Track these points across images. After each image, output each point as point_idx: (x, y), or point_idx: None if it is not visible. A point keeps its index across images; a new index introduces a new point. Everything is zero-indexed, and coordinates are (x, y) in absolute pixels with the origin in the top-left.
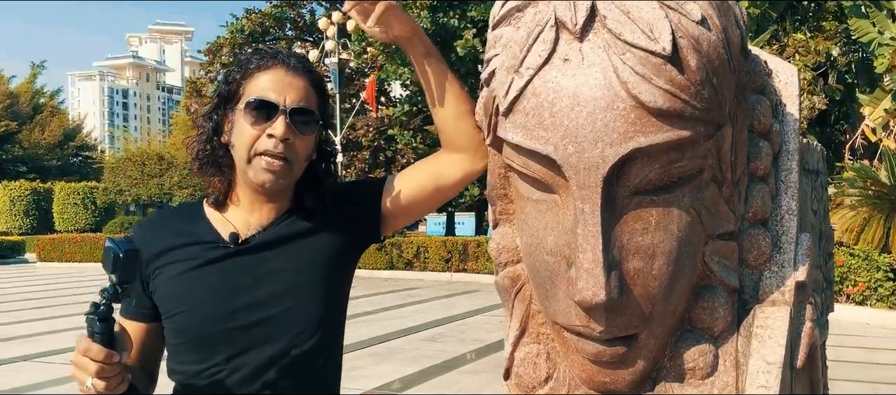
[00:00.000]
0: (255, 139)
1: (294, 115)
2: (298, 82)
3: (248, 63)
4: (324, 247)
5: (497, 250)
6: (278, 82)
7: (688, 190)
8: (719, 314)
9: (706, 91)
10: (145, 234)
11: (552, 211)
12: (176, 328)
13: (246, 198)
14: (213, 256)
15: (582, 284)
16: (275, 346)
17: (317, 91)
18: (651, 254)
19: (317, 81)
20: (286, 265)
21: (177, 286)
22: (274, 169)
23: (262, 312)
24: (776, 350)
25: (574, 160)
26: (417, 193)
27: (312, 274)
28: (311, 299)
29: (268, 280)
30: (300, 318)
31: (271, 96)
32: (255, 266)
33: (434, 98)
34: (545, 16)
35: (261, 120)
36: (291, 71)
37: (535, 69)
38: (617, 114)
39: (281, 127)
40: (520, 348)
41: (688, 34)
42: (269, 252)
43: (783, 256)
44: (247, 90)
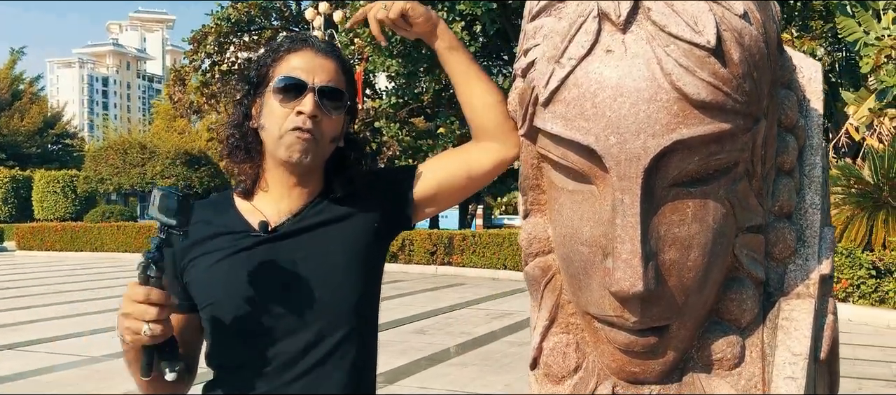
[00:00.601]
0: (285, 117)
1: (323, 93)
2: (327, 64)
3: (279, 47)
4: (355, 232)
5: (528, 240)
6: (307, 63)
7: (723, 182)
8: (747, 306)
9: (747, 84)
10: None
11: (588, 202)
12: (211, 319)
13: (275, 185)
14: (245, 245)
15: (620, 274)
16: (308, 333)
17: (345, 74)
18: (687, 245)
19: (345, 64)
20: (317, 252)
21: (209, 277)
22: (303, 140)
23: (292, 300)
24: (802, 342)
25: (615, 151)
26: (449, 181)
27: (344, 260)
28: (343, 285)
29: (299, 267)
30: (333, 304)
31: (301, 75)
32: (286, 254)
33: (462, 90)
34: (588, 7)
35: (290, 98)
36: (320, 53)
37: (577, 60)
38: (660, 105)
39: (309, 104)
40: (549, 338)
41: (731, 27)
42: (299, 239)
43: (808, 249)
44: (276, 72)
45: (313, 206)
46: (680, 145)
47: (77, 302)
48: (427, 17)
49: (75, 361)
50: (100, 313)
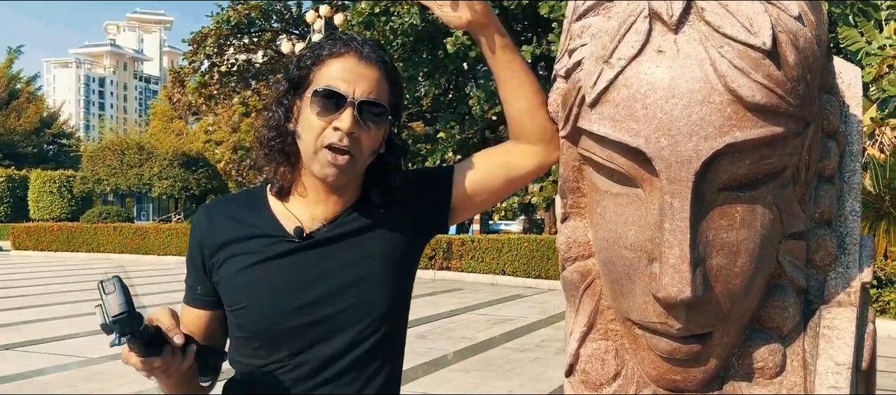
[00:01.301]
0: (322, 130)
1: (362, 107)
2: (370, 73)
3: (321, 49)
4: (391, 240)
5: (567, 244)
6: (349, 72)
7: (772, 187)
8: (789, 314)
9: (801, 88)
10: (208, 221)
11: (633, 205)
12: (239, 322)
13: (311, 189)
14: (279, 250)
15: (667, 280)
16: (338, 342)
17: (389, 82)
18: (735, 251)
19: (390, 71)
20: (351, 260)
21: (241, 280)
22: (338, 163)
23: (326, 308)
24: (844, 351)
25: (666, 154)
26: (488, 183)
27: (378, 268)
28: (376, 293)
29: (332, 275)
30: (364, 313)
31: (340, 87)
32: (319, 261)
33: (509, 90)
34: (638, 6)
35: (328, 111)
36: (364, 60)
37: (627, 60)
38: (713, 107)
39: (347, 120)
40: (586, 344)
41: (786, 29)
42: (334, 246)
43: (848, 257)
44: (317, 78)
45: (349, 213)
46: (732, 149)
47: (74, 303)
48: (486, 5)
49: (73, 362)
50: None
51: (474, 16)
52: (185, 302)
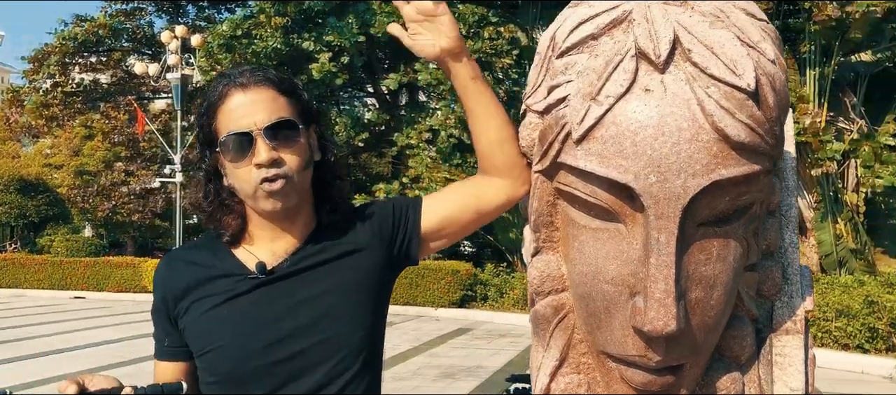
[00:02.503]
0: (248, 174)
1: (270, 132)
2: (260, 95)
3: (209, 98)
4: (358, 268)
5: (540, 278)
6: (240, 106)
7: (743, 222)
8: (747, 343)
9: (776, 128)
10: (168, 270)
11: (614, 240)
12: (208, 367)
13: (265, 228)
14: (243, 288)
15: (653, 314)
16: (315, 376)
17: (283, 93)
18: (711, 284)
19: (279, 83)
20: (319, 291)
21: (206, 323)
22: (275, 190)
23: (298, 343)
24: (797, 377)
25: (655, 190)
26: (458, 216)
27: (348, 300)
28: (348, 324)
29: (302, 309)
30: (339, 345)
31: (240, 126)
32: (286, 295)
33: (479, 122)
34: (625, 45)
35: (242, 153)
36: (247, 88)
37: (615, 98)
38: (700, 146)
39: (263, 152)
40: (558, 379)
41: (766, 72)
42: (298, 279)
43: (791, 287)
44: (218, 128)
45: (310, 244)
46: (716, 186)
47: None
48: (458, 34)
49: None
50: None
51: (448, 44)
52: (156, 357)
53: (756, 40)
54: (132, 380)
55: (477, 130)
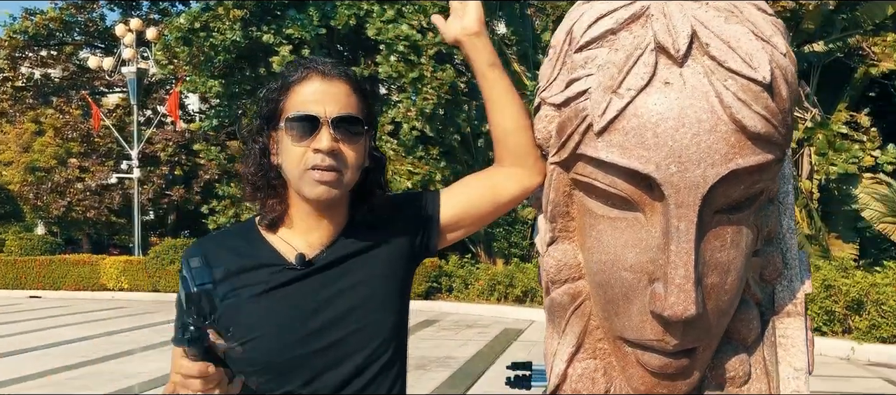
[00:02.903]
0: (302, 156)
1: (337, 124)
2: (338, 88)
3: (285, 77)
4: (387, 260)
5: (557, 267)
6: (317, 92)
7: (754, 209)
8: (753, 326)
9: (788, 118)
10: (207, 257)
11: (632, 229)
12: (247, 357)
13: (303, 217)
14: (282, 279)
15: (673, 299)
16: (350, 365)
17: (358, 93)
18: (726, 270)
19: (356, 83)
20: (353, 283)
21: (246, 313)
22: (326, 180)
23: (335, 333)
24: (800, 357)
25: (675, 179)
26: (475, 208)
27: (380, 289)
28: (380, 313)
29: (338, 300)
30: (373, 334)
31: (311, 109)
32: (323, 287)
33: (496, 109)
34: (644, 40)
35: (304, 135)
36: (328, 78)
37: (636, 91)
38: (719, 136)
39: (325, 140)
40: (575, 364)
41: (779, 65)
42: (336, 271)
43: (791, 271)
44: (287, 106)
45: (344, 237)
46: (733, 175)
47: None
48: (481, 21)
49: None
50: None
51: (469, 25)
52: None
53: (769, 34)
54: (92, 380)
55: (494, 117)
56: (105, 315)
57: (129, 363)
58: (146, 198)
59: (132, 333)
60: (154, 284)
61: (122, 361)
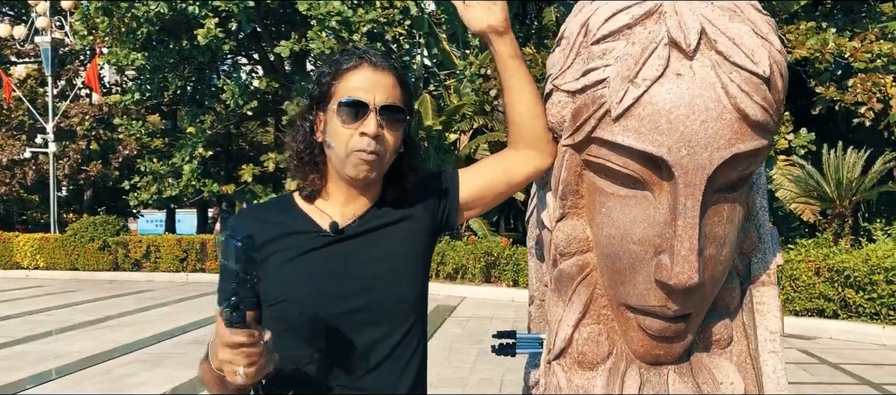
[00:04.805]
0: (350, 137)
1: (383, 112)
2: (385, 79)
3: (338, 64)
4: (413, 234)
5: (566, 240)
6: (367, 81)
7: (745, 189)
8: (736, 294)
9: (781, 108)
10: (247, 225)
11: (641, 205)
12: (279, 315)
13: (340, 191)
14: (315, 245)
15: (678, 269)
16: (376, 330)
17: (401, 85)
18: (722, 243)
19: (401, 75)
20: (382, 253)
21: (285, 273)
22: (368, 161)
23: (363, 297)
24: (774, 322)
25: (685, 162)
26: (491, 187)
27: (405, 260)
28: (405, 283)
29: (367, 267)
30: (398, 302)
31: (362, 96)
32: (354, 254)
33: (515, 97)
34: (658, 34)
35: (353, 119)
36: (378, 69)
37: (651, 81)
38: (724, 124)
39: (372, 125)
40: (581, 329)
41: (776, 60)
42: (365, 239)
43: (764, 244)
44: (338, 90)
45: (375, 209)
46: (733, 158)
47: None
48: (507, 15)
49: None
50: None
51: (496, 22)
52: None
53: (766, 32)
54: (19, 360)
55: (512, 103)
56: (21, 295)
57: (54, 342)
58: (62, 174)
59: (55, 312)
60: (72, 262)
61: (49, 341)
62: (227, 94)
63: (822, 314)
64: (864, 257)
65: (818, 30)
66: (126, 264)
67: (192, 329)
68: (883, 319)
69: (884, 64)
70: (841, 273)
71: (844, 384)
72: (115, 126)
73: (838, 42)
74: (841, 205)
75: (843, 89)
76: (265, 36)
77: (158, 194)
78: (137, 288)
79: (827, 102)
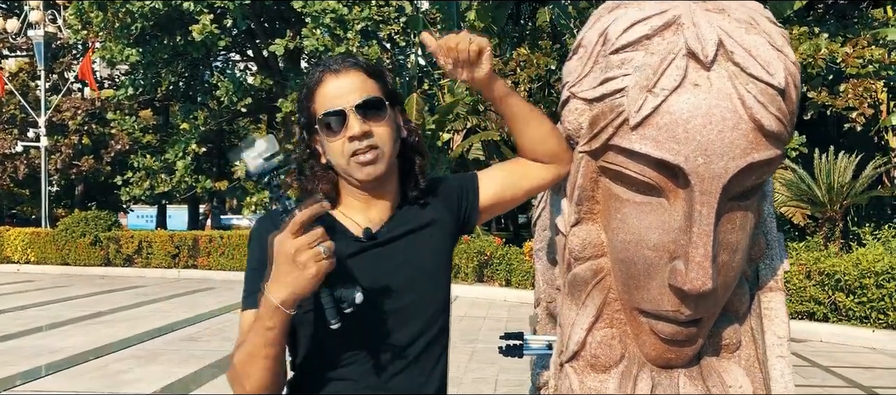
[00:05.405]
0: (342, 147)
1: (361, 109)
2: (351, 79)
3: (307, 85)
4: (437, 236)
5: (582, 245)
6: (334, 88)
7: (757, 197)
8: (745, 299)
9: (794, 119)
10: (280, 226)
11: (656, 212)
12: (313, 320)
13: (358, 199)
14: (353, 249)
15: (693, 274)
16: (408, 332)
17: (372, 76)
18: (734, 249)
19: (366, 67)
20: (411, 256)
21: None
22: (368, 160)
23: (397, 301)
24: (782, 327)
25: (702, 170)
26: (510, 192)
27: (433, 262)
28: (434, 285)
29: (399, 271)
30: (428, 304)
31: (334, 104)
32: (387, 258)
33: (520, 128)
34: (676, 45)
35: (336, 130)
36: (340, 73)
37: (669, 91)
38: (740, 133)
39: (355, 126)
40: (594, 332)
41: (790, 72)
42: (396, 245)
43: (771, 250)
44: (316, 110)
45: (400, 214)
46: (748, 167)
47: None
48: (491, 65)
49: None
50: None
51: (481, 76)
52: (251, 307)
53: (780, 44)
54: (12, 356)
55: (521, 135)
56: (13, 289)
57: (47, 337)
58: (54, 168)
59: (48, 307)
60: (63, 257)
61: (41, 336)
62: (222, 90)
63: (812, 318)
64: (854, 261)
65: (811, 35)
66: (117, 260)
67: (185, 326)
68: (873, 322)
69: (875, 70)
70: (831, 277)
71: (835, 387)
72: (107, 121)
73: (830, 48)
74: (831, 209)
75: (834, 94)
76: (259, 33)
77: (151, 190)
78: (129, 284)
79: (819, 107)
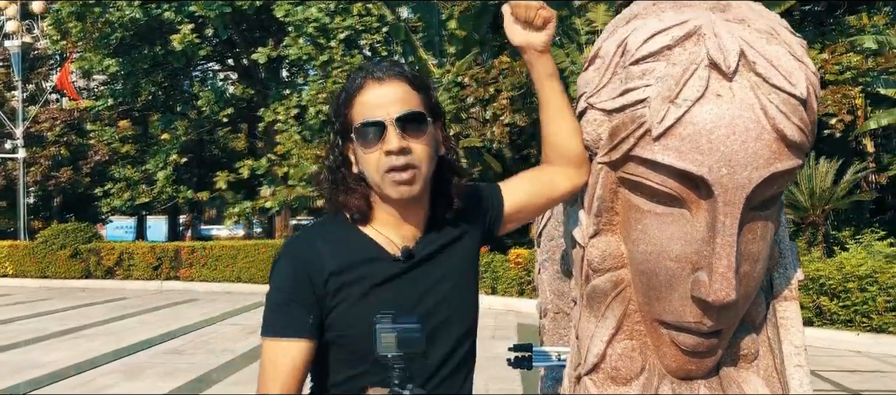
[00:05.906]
0: (377, 160)
1: (402, 122)
2: (394, 89)
3: (346, 90)
4: (467, 250)
5: (601, 256)
6: (375, 97)
7: (777, 206)
8: (762, 309)
9: (815, 128)
10: (309, 251)
11: (678, 223)
12: (349, 346)
13: (388, 214)
14: (391, 272)
15: (717, 285)
16: (442, 350)
17: (416, 88)
18: (756, 259)
19: (412, 79)
20: (445, 274)
21: (362, 306)
22: (404, 180)
23: (432, 321)
24: (798, 336)
25: (725, 181)
26: (532, 202)
27: (466, 278)
28: (466, 301)
29: (435, 290)
30: (461, 321)
31: (374, 115)
32: (423, 278)
33: (553, 116)
34: (698, 56)
35: (373, 141)
36: (384, 81)
37: (692, 101)
38: (764, 144)
39: (394, 140)
40: (614, 344)
41: (811, 82)
42: (432, 263)
43: (785, 260)
44: (353, 116)
45: (432, 230)
46: (770, 177)
47: None
48: (551, 36)
49: None
50: None
51: (539, 43)
52: (292, 336)
53: (800, 55)
54: None
55: (551, 124)
56: None
57: (30, 352)
58: (32, 180)
59: (28, 321)
60: (42, 269)
61: (24, 350)
62: (203, 100)
63: None
64: (838, 266)
65: None
66: (98, 272)
67: (169, 339)
68: (857, 326)
69: (853, 76)
70: (816, 281)
71: (822, 391)
72: (85, 132)
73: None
74: (814, 214)
75: None
76: (241, 42)
77: (132, 201)
78: (110, 296)
79: None
